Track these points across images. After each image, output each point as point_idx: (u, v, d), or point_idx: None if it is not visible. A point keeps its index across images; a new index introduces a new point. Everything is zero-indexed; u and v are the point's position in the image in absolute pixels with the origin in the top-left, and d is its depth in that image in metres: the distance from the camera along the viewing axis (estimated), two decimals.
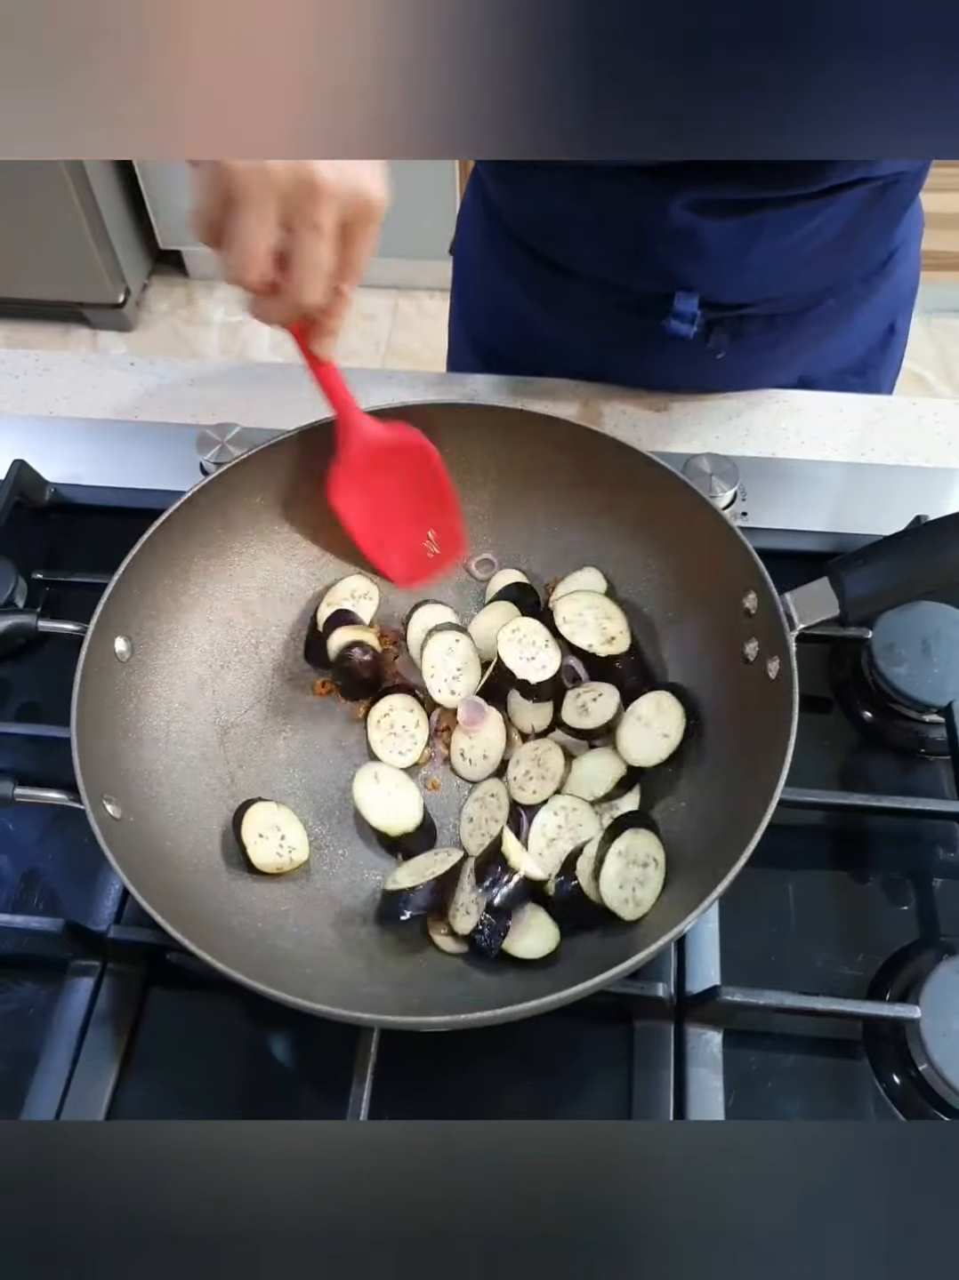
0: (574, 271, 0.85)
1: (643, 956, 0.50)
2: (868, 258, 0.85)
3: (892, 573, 0.57)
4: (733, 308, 0.83)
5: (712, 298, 0.81)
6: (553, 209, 0.82)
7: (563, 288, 0.87)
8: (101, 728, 0.60)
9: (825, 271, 0.82)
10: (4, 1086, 0.61)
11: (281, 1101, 0.62)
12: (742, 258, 0.78)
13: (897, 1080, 0.60)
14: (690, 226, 0.76)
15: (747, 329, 0.85)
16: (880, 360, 0.96)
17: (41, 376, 0.93)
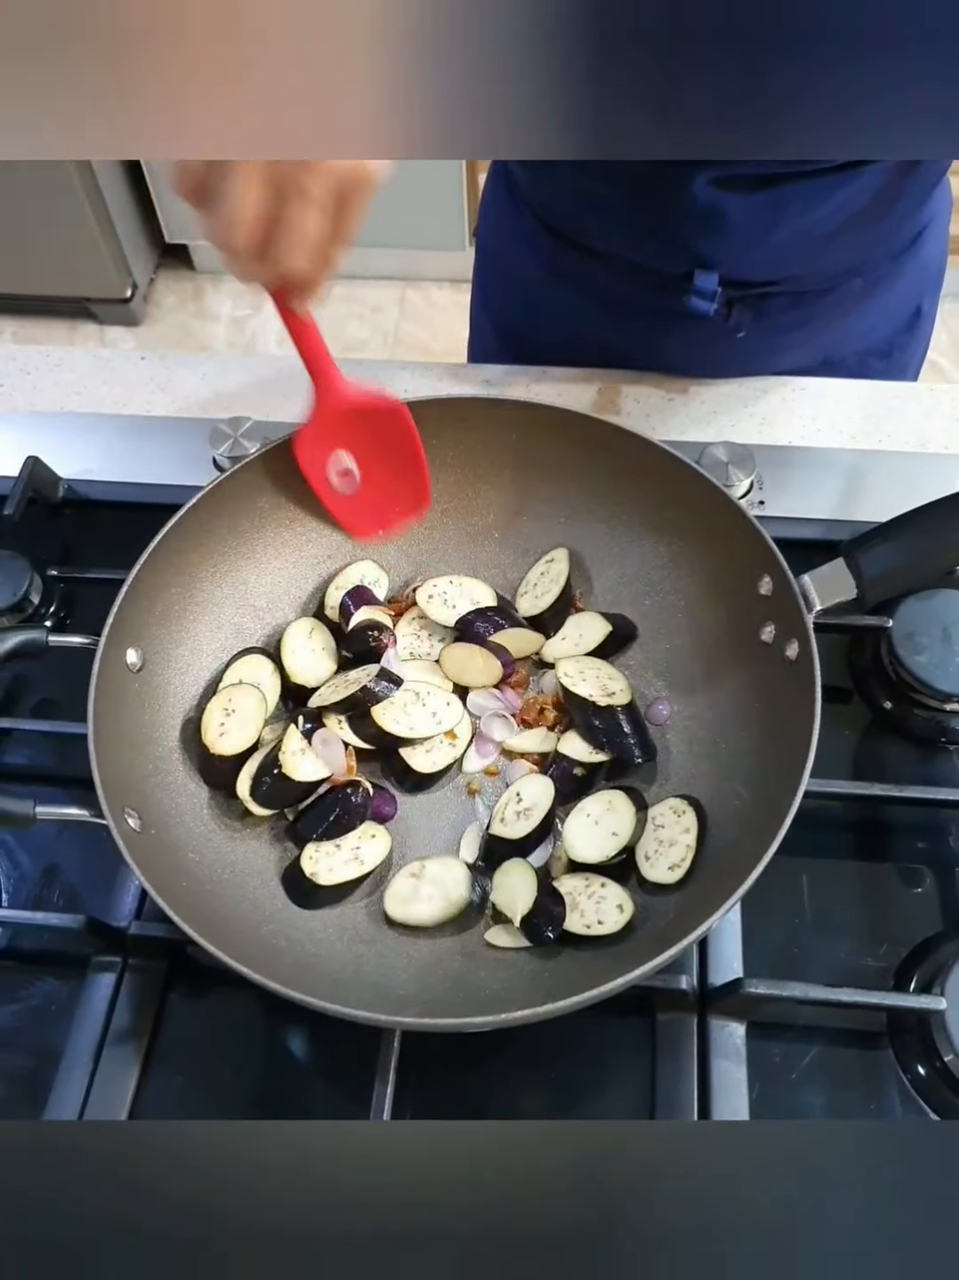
0: (597, 252, 0.85)
1: (670, 954, 0.50)
2: (895, 235, 0.84)
3: (908, 550, 0.57)
4: (756, 285, 0.82)
5: (734, 275, 0.80)
6: (575, 189, 0.81)
7: (586, 268, 0.87)
8: (118, 740, 0.60)
9: (850, 249, 0.81)
10: (29, 1082, 0.61)
11: (303, 1095, 0.62)
12: (765, 234, 0.77)
13: (922, 1072, 0.60)
14: (713, 203, 0.75)
15: (770, 308, 0.84)
16: (907, 342, 0.94)
17: (53, 372, 0.93)
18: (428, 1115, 0.60)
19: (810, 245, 0.79)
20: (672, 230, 0.79)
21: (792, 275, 0.82)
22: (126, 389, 0.92)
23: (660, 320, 0.85)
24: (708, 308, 0.81)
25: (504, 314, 1.00)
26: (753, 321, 0.84)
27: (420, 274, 2.41)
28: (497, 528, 0.75)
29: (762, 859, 0.51)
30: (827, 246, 0.79)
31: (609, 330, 0.89)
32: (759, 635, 0.63)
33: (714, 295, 0.80)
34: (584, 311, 0.90)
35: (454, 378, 0.91)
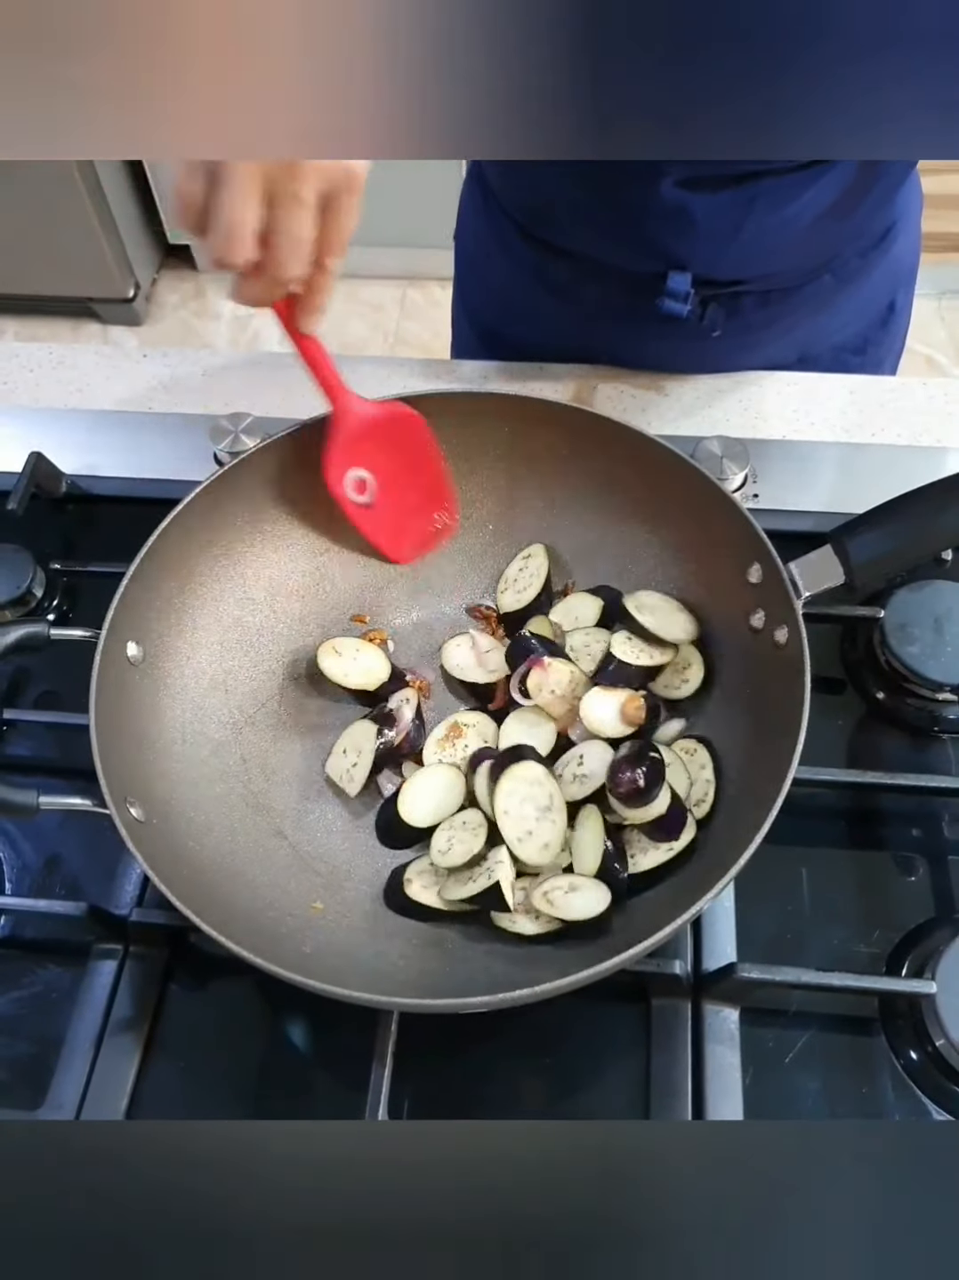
0: (570, 253, 0.85)
1: (664, 934, 0.50)
2: (865, 230, 0.84)
3: (895, 536, 0.57)
4: (728, 284, 0.82)
5: (706, 275, 0.81)
6: (546, 190, 0.82)
7: (560, 269, 0.87)
8: (120, 732, 0.61)
9: (821, 245, 0.82)
10: (30, 1069, 0.62)
11: (302, 1082, 0.63)
12: (735, 233, 0.77)
13: (913, 1056, 0.60)
14: (681, 203, 0.76)
15: (742, 306, 0.84)
16: (881, 338, 0.95)
17: (56, 369, 0.94)
18: (425, 1100, 0.60)
19: (780, 243, 0.79)
20: (641, 231, 0.79)
21: (762, 273, 0.82)
22: (128, 385, 0.92)
23: (635, 322, 0.86)
24: (681, 309, 0.81)
25: (482, 315, 1.01)
26: (726, 321, 0.84)
27: (421, 272, 2.42)
28: (490, 519, 0.75)
29: (753, 840, 0.51)
30: (796, 244, 0.80)
31: (585, 332, 0.90)
32: (749, 622, 0.64)
33: (687, 296, 0.81)
34: (560, 314, 0.91)
35: (451, 374, 0.92)
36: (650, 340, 0.88)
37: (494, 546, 0.76)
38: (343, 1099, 0.61)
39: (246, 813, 0.66)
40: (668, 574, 0.70)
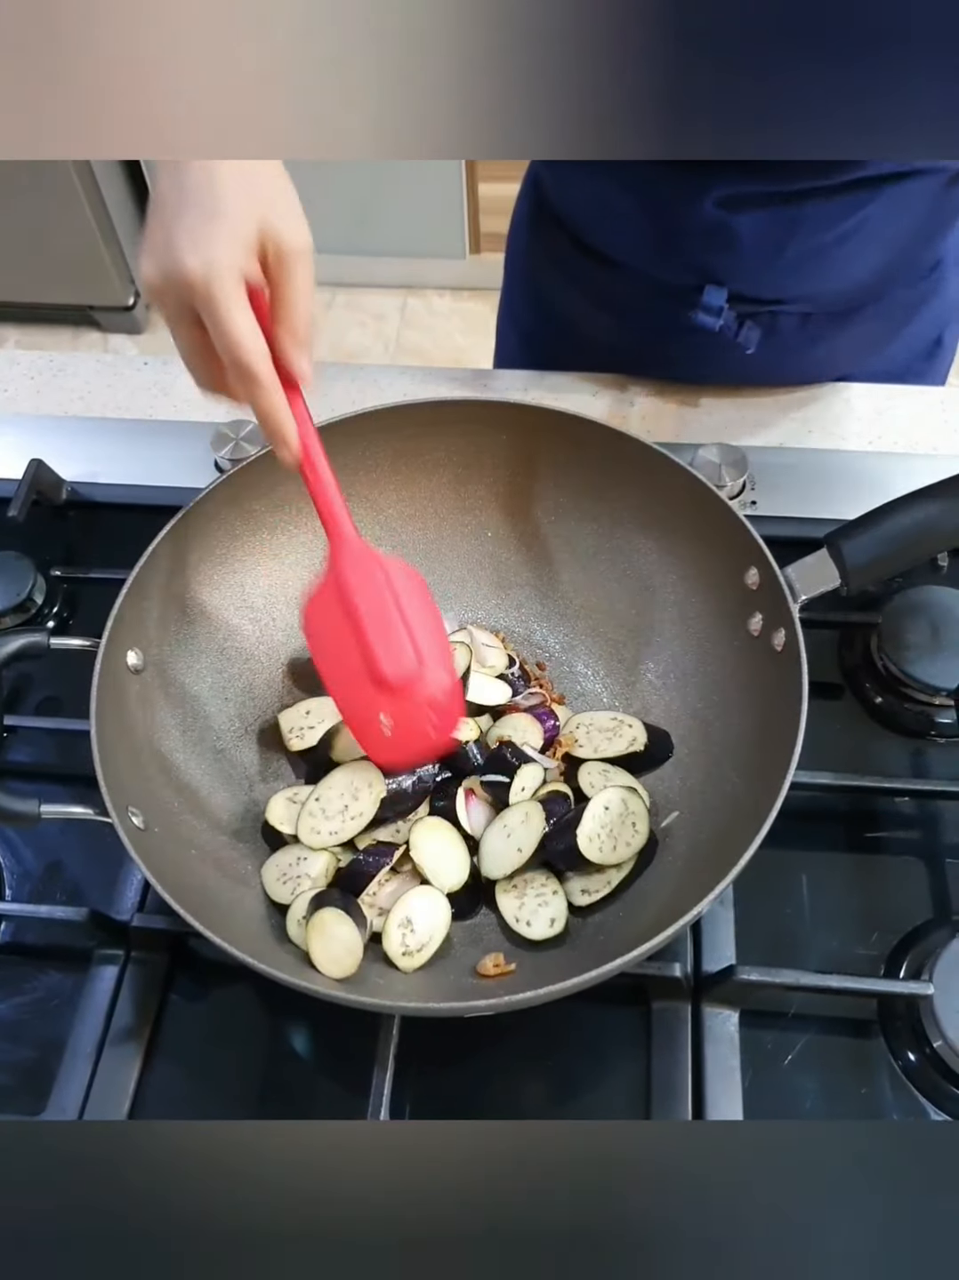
0: (613, 260, 0.86)
1: (664, 937, 0.51)
2: (911, 263, 0.84)
3: (890, 539, 0.58)
4: (766, 303, 0.83)
5: (744, 292, 0.81)
6: (594, 193, 0.82)
7: (602, 276, 0.88)
8: (120, 740, 0.61)
9: (863, 273, 0.81)
10: (32, 1073, 0.62)
11: (303, 1086, 0.63)
12: (776, 252, 0.78)
13: (912, 1058, 0.60)
14: (722, 221, 0.76)
15: (780, 326, 0.84)
16: (923, 369, 0.94)
17: (57, 377, 0.95)
18: (426, 1104, 0.61)
19: (823, 266, 0.79)
20: (682, 243, 0.79)
21: (803, 295, 0.82)
22: (129, 393, 0.93)
23: (672, 333, 0.86)
24: (714, 323, 0.81)
25: (525, 320, 1.01)
26: (763, 339, 0.84)
27: (422, 282, 2.43)
28: (489, 526, 0.76)
29: (752, 844, 0.52)
30: (838, 268, 0.80)
31: (624, 340, 0.90)
32: (747, 626, 0.64)
33: (720, 311, 0.80)
34: (600, 321, 0.91)
35: (452, 382, 0.93)
36: (684, 353, 0.88)
37: (494, 554, 0.76)
38: (344, 1103, 0.61)
39: (247, 819, 0.67)
40: (665, 579, 0.70)
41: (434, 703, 0.55)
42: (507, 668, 0.72)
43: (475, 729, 0.68)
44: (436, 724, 0.57)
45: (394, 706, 0.56)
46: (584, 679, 0.74)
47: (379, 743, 0.58)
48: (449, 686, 0.56)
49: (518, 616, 0.76)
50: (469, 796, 0.65)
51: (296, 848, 0.64)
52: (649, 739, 0.67)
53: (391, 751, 0.59)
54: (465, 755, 0.66)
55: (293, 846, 0.64)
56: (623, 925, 0.60)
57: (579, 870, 0.62)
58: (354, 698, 0.58)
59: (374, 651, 0.55)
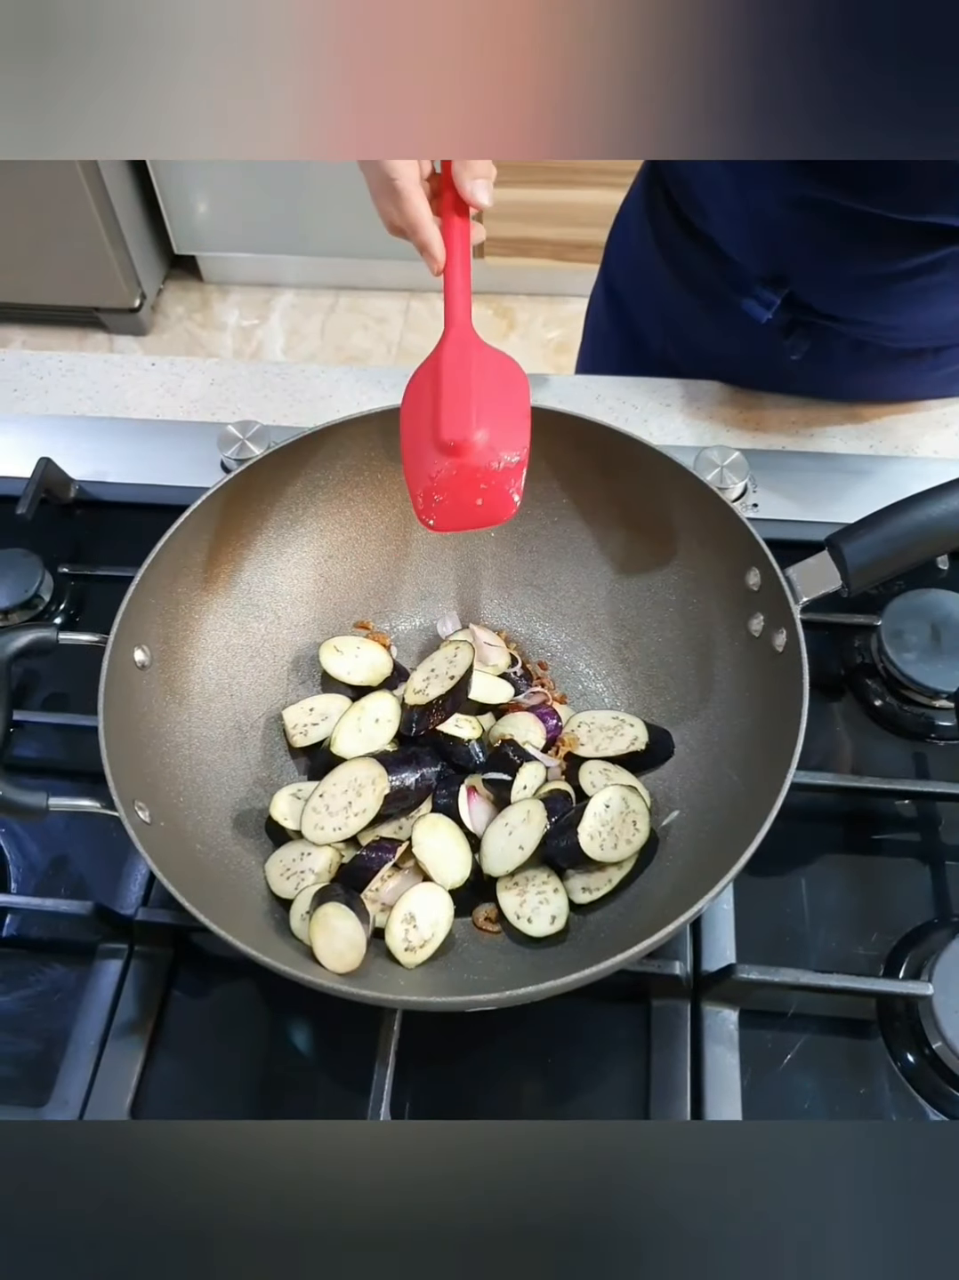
0: (697, 230, 0.86)
1: (663, 935, 0.51)
2: None
3: (891, 541, 0.58)
4: (822, 316, 0.83)
5: (801, 297, 0.82)
6: (709, 172, 0.82)
7: (685, 248, 0.88)
8: (128, 736, 0.61)
9: (926, 321, 0.81)
10: (35, 1066, 0.63)
11: (305, 1082, 0.63)
12: (837, 267, 0.78)
13: (911, 1058, 0.61)
14: (793, 218, 0.76)
15: (832, 345, 0.84)
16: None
17: (65, 377, 0.95)
18: (427, 1100, 0.61)
19: (879, 298, 0.79)
20: (755, 229, 0.80)
21: (857, 319, 0.82)
22: (137, 393, 0.94)
23: (729, 317, 0.86)
24: (762, 314, 0.82)
25: (613, 275, 1.02)
26: (813, 352, 0.84)
27: (425, 285, 2.44)
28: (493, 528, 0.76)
29: (752, 843, 0.52)
30: (896, 306, 0.80)
31: (688, 316, 0.91)
32: (748, 627, 0.64)
33: (772, 305, 0.81)
34: (673, 291, 0.92)
35: None
36: (737, 344, 0.88)
37: (497, 554, 0.77)
38: (345, 1098, 0.61)
39: (251, 815, 0.67)
40: (668, 581, 0.71)
41: (487, 473, 0.57)
42: (509, 667, 0.72)
43: (477, 727, 0.68)
44: (487, 495, 0.58)
45: (449, 470, 0.58)
46: (586, 678, 0.74)
47: (430, 504, 0.60)
48: (507, 465, 0.58)
49: (520, 616, 0.77)
50: (471, 794, 0.65)
51: (300, 843, 0.64)
52: (650, 738, 0.67)
53: (441, 514, 0.60)
54: (467, 753, 0.67)
55: (296, 842, 0.65)
56: (623, 923, 0.60)
57: (580, 868, 0.63)
58: (417, 459, 0.60)
59: (440, 415, 0.58)
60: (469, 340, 0.60)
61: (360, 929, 0.58)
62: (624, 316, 1.01)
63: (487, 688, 0.70)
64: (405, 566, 0.77)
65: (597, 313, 1.08)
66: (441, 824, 0.64)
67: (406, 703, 0.67)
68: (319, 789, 0.64)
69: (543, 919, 0.61)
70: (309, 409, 0.70)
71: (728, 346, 0.90)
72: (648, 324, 0.98)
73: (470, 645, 0.68)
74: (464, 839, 0.64)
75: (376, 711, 0.67)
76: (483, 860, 0.63)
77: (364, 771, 0.63)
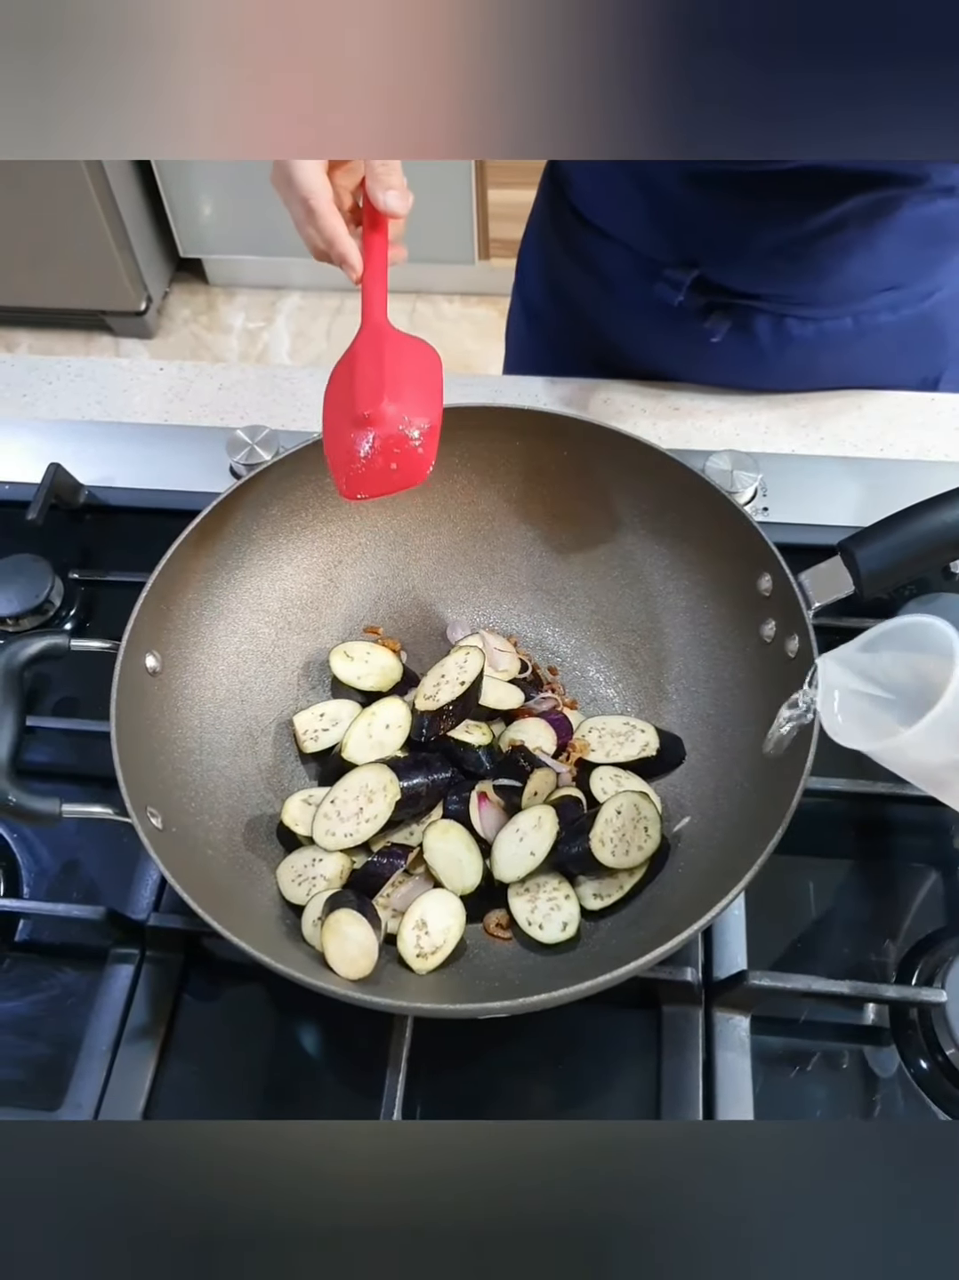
0: (609, 234, 0.87)
1: (677, 942, 0.51)
2: (899, 284, 0.82)
3: (903, 546, 0.58)
4: (737, 295, 0.83)
5: (716, 279, 0.82)
6: (599, 165, 0.83)
7: (598, 251, 0.89)
8: (139, 742, 0.61)
9: (840, 279, 0.81)
10: (48, 1070, 0.63)
11: (316, 1087, 0.63)
12: (744, 239, 0.78)
13: (923, 1065, 0.61)
14: (695, 198, 0.77)
15: (755, 325, 0.85)
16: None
17: (74, 382, 0.95)
18: (438, 1105, 0.61)
19: (791, 264, 0.79)
20: (662, 219, 0.80)
21: (773, 292, 0.83)
22: (145, 398, 0.94)
23: (650, 311, 0.87)
24: (673, 296, 0.83)
25: (536, 307, 1.02)
26: (735, 333, 0.85)
27: (430, 287, 2.44)
28: (502, 531, 0.76)
29: (764, 851, 0.52)
30: (809, 269, 0.80)
31: (608, 313, 0.92)
32: (760, 633, 0.64)
33: (681, 285, 0.82)
34: (589, 291, 0.92)
35: (463, 387, 0.93)
36: (656, 334, 0.89)
37: (507, 559, 0.77)
38: (356, 1103, 0.61)
39: (262, 820, 0.67)
40: (678, 585, 0.71)
41: (400, 438, 0.60)
42: (519, 672, 0.72)
43: (488, 733, 0.68)
44: (401, 460, 0.61)
45: (364, 439, 0.61)
46: (596, 684, 0.74)
47: (350, 476, 0.62)
48: (420, 429, 0.61)
49: (530, 621, 0.77)
50: (482, 800, 0.65)
51: (311, 849, 0.64)
52: (661, 744, 0.67)
53: (359, 482, 0.62)
54: (478, 759, 0.67)
55: (308, 848, 0.65)
56: (635, 930, 0.60)
57: (592, 874, 0.62)
58: (336, 437, 0.63)
59: (354, 392, 0.61)
60: (383, 331, 0.63)
61: (372, 935, 0.58)
62: (543, 332, 1.01)
63: (497, 693, 0.70)
64: (415, 571, 0.77)
65: (518, 334, 1.08)
66: (453, 830, 0.64)
67: (417, 708, 0.67)
68: (330, 795, 0.64)
69: (554, 926, 0.61)
70: (317, 414, 0.70)
71: (649, 342, 0.91)
72: (568, 337, 0.97)
73: (481, 651, 0.68)
74: (475, 845, 0.64)
75: (387, 717, 0.67)
76: (494, 866, 0.63)
77: (375, 777, 0.63)
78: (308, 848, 0.65)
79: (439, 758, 0.67)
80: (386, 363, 0.61)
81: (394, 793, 0.63)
